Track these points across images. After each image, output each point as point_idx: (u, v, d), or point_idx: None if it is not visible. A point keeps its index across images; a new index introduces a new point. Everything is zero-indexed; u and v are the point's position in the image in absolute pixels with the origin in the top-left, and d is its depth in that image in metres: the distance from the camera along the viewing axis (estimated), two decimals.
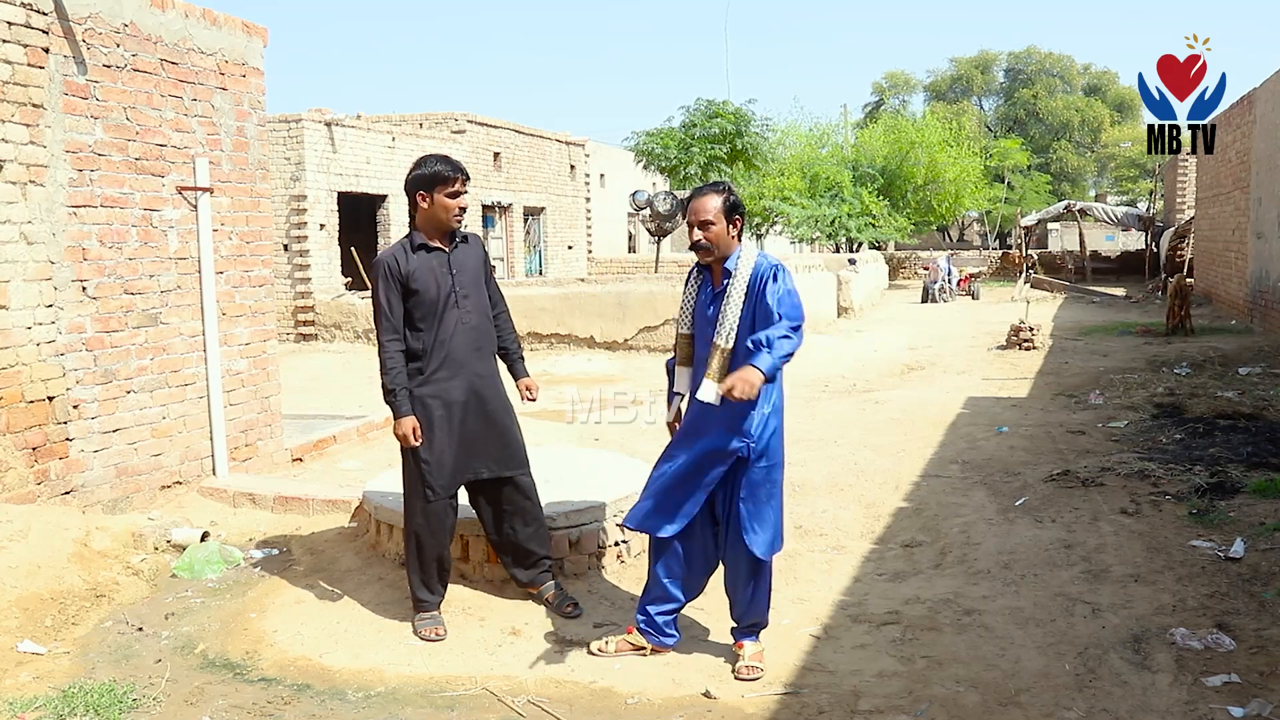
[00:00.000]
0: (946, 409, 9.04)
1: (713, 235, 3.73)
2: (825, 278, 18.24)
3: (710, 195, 3.77)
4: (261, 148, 6.71)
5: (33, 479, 5.04)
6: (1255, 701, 3.38)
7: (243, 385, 6.59)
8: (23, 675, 3.75)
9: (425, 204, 4.17)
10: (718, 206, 3.74)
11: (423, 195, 4.16)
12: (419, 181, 4.16)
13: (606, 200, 33.15)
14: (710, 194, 3.77)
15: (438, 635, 4.10)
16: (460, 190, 4.18)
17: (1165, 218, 29.97)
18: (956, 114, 46.24)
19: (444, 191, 4.14)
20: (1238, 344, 12.93)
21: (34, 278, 5.09)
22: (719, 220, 3.73)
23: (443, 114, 20.96)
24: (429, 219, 4.19)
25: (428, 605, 4.22)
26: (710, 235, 3.73)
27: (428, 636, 4.10)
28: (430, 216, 4.18)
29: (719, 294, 3.77)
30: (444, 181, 4.13)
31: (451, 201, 4.15)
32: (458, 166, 4.20)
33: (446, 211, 4.16)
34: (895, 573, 4.92)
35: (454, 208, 4.16)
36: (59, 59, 5.20)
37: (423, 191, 4.16)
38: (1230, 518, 5.32)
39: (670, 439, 3.95)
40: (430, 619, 4.17)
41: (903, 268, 34.03)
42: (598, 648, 3.96)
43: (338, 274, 17.10)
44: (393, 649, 4.04)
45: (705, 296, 3.84)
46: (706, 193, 3.79)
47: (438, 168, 4.15)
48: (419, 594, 4.23)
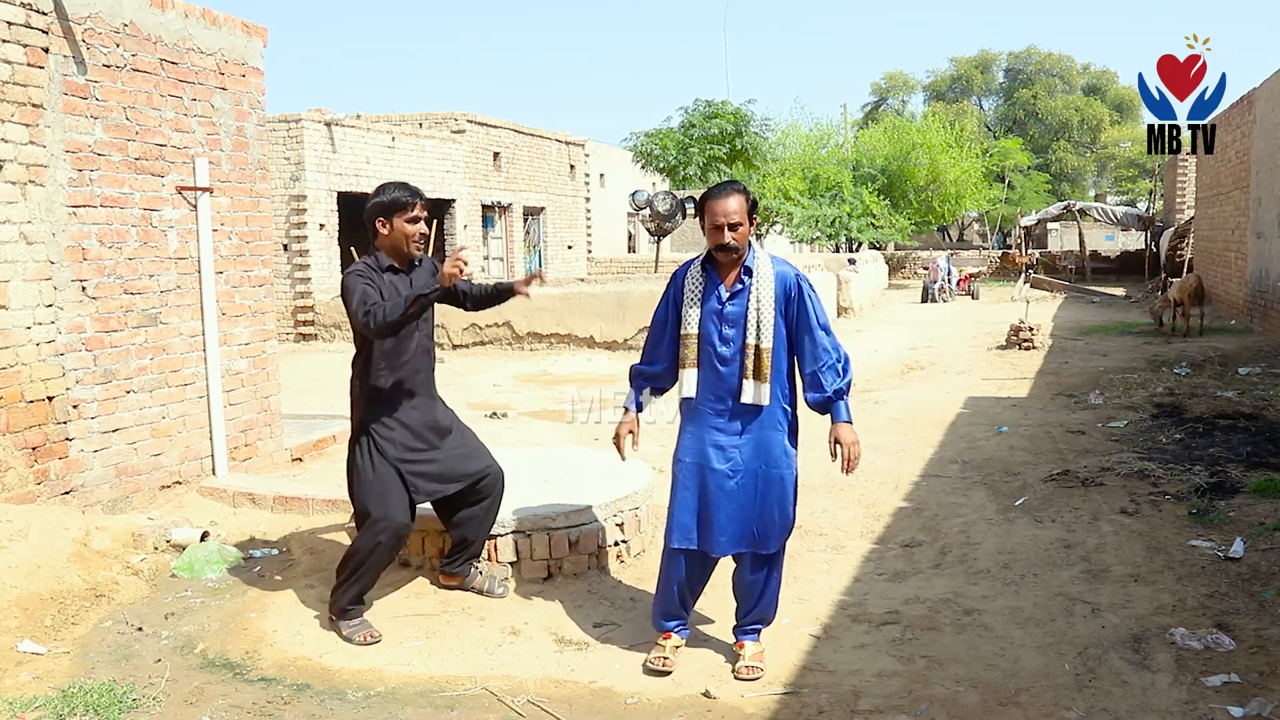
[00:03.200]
0: (946, 409, 9.04)
1: (740, 236, 3.67)
2: (825, 278, 18.23)
3: (734, 195, 3.68)
4: (261, 148, 6.71)
5: (33, 479, 5.04)
6: (1255, 701, 3.38)
7: (242, 385, 6.59)
8: (23, 675, 3.75)
9: (385, 230, 4.16)
10: (742, 206, 3.67)
11: (382, 222, 4.16)
12: (378, 209, 4.15)
13: (606, 200, 33.14)
14: (734, 194, 3.68)
15: (375, 638, 4.10)
16: (419, 216, 4.18)
17: (1165, 218, 29.96)
18: (956, 114, 46.25)
19: (403, 217, 4.14)
20: (1237, 344, 12.93)
21: (34, 277, 5.09)
22: (744, 220, 3.68)
23: (443, 114, 20.95)
24: (390, 246, 4.18)
25: (358, 612, 4.20)
26: (739, 236, 3.67)
27: (371, 639, 4.08)
28: (390, 243, 4.18)
29: (738, 293, 3.71)
30: (403, 207, 4.14)
31: (411, 227, 4.16)
32: (415, 192, 4.20)
33: (406, 238, 4.17)
34: (895, 573, 4.92)
35: (414, 233, 4.17)
36: (59, 59, 5.19)
37: (382, 218, 4.16)
38: (1230, 518, 5.32)
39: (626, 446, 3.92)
40: (363, 623, 4.16)
41: (902, 268, 34.03)
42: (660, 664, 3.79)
43: (338, 274, 17.07)
44: (392, 649, 4.03)
45: (716, 296, 3.73)
46: (729, 192, 3.69)
47: (396, 194, 4.15)
48: (354, 603, 4.18)
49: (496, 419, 9.17)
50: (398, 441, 4.16)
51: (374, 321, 3.91)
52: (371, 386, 4.18)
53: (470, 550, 4.50)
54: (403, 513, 4.15)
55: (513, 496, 4.81)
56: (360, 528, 4.21)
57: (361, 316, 3.94)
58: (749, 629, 3.91)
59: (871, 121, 47.00)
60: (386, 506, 4.11)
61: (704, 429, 3.76)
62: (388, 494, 4.12)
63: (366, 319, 3.92)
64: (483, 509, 4.44)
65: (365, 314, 3.93)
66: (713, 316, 3.73)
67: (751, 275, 3.70)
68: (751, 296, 3.67)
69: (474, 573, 4.56)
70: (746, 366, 3.65)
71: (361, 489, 4.17)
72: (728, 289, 3.73)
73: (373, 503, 4.13)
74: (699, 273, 3.79)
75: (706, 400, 3.75)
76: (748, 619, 3.90)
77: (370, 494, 4.14)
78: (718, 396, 3.73)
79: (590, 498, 4.81)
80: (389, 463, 4.14)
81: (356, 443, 4.23)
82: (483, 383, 11.60)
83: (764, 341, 3.65)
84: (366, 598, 4.28)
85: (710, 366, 3.73)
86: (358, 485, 4.21)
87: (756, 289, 3.68)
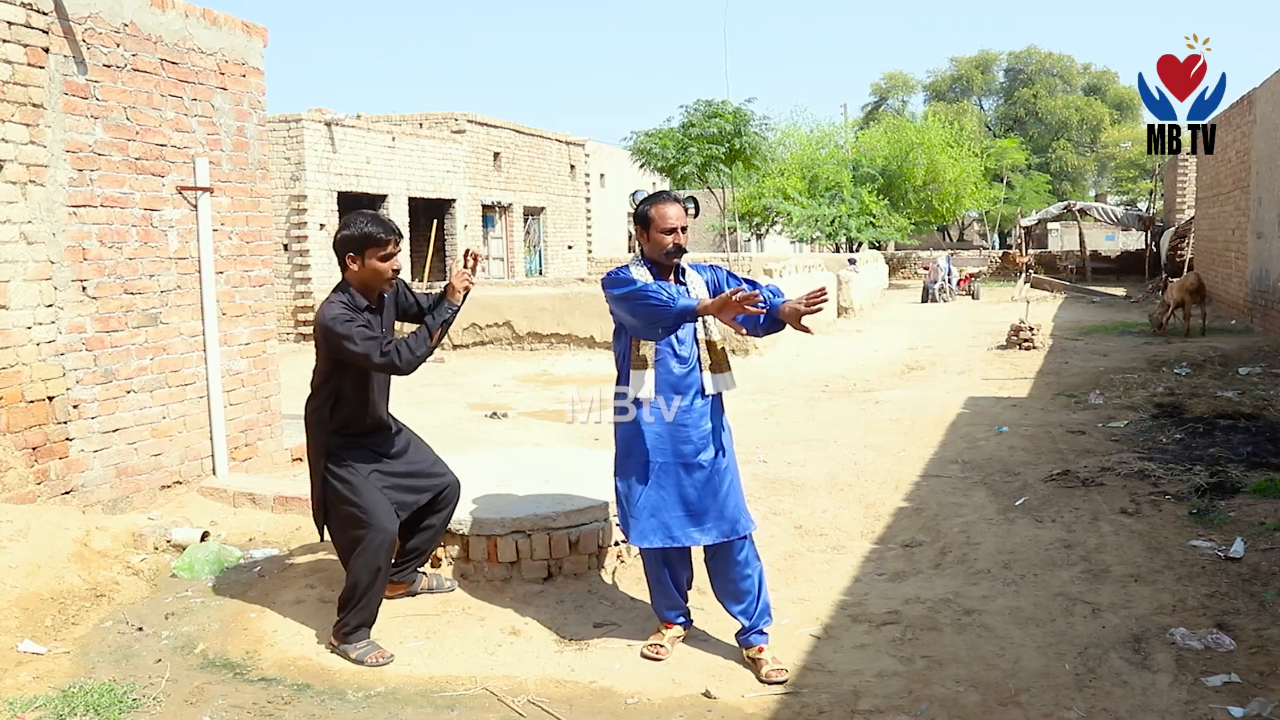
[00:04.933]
0: (947, 409, 9.04)
1: (686, 240, 3.92)
2: (825, 278, 18.24)
3: (676, 204, 3.93)
4: (261, 148, 6.71)
5: (33, 479, 5.04)
6: (1255, 701, 3.38)
7: (243, 385, 6.59)
8: (23, 675, 3.75)
9: (355, 266, 3.84)
10: (682, 213, 3.92)
11: (352, 257, 3.84)
12: (348, 243, 3.82)
13: (606, 200, 33.17)
14: (674, 203, 3.93)
15: (386, 659, 3.90)
16: (394, 252, 3.88)
17: (1165, 218, 29.97)
18: (956, 114, 46.25)
19: (376, 255, 3.83)
20: (1238, 344, 12.92)
21: (34, 277, 5.09)
22: (688, 226, 3.95)
23: (443, 114, 20.97)
24: (359, 282, 3.89)
25: (364, 634, 3.97)
26: (686, 240, 3.92)
27: (383, 660, 3.89)
28: (360, 280, 3.87)
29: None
30: (376, 243, 3.83)
31: (384, 265, 3.84)
32: (390, 227, 3.88)
33: (378, 276, 3.87)
34: (895, 573, 4.92)
35: (387, 271, 3.86)
36: (59, 59, 5.20)
37: (352, 253, 3.84)
38: (1230, 518, 5.32)
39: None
40: (372, 644, 3.96)
41: (903, 268, 34.04)
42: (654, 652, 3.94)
43: (338, 274, 17.04)
44: (392, 649, 4.03)
45: None
46: (671, 200, 3.93)
47: (369, 229, 3.81)
48: (365, 624, 3.96)
49: (497, 419, 9.17)
50: (368, 459, 4.01)
51: (399, 360, 3.75)
52: (342, 415, 3.96)
53: (421, 559, 4.40)
54: (392, 522, 3.96)
55: (513, 496, 4.82)
56: (351, 556, 3.95)
57: (380, 358, 3.76)
58: (759, 629, 3.91)
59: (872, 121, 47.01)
60: (377, 519, 3.91)
61: (668, 426, 3.87)
62: (375, 507, 3.92)
63: (388, 359, 3.75)
64: (441, 519, 4.31)
65: (384, 354, 3.75)
66: None
67: (685, 275, 3.95)
68: (691, 294, 3.86)
69: (418, 577, 4.46)
70: (703, 360, 3.87)
71: (344, 511, 3.95)
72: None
73: (361, 520, 3.90)
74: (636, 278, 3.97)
75: (667, 398, 3.88)
76: (757, 615, 3.91)
77: (357, 511, 3.91)
78: (678, 393, 3.87)
79: (591, 498, 4.80)
80: (365, 477, 3.96)
81: (326, 470, 3.99)
82: (483, 383, 11.61)
83: (713, 335, 3.91)
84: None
85: (665, 364, 3.87)
86: (339, 509, 3.97)
87: (693, 287, 3.90)
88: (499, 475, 5.17)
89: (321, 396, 4.01)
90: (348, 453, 3.99)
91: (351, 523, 3.95)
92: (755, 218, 32.23)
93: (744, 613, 3.91)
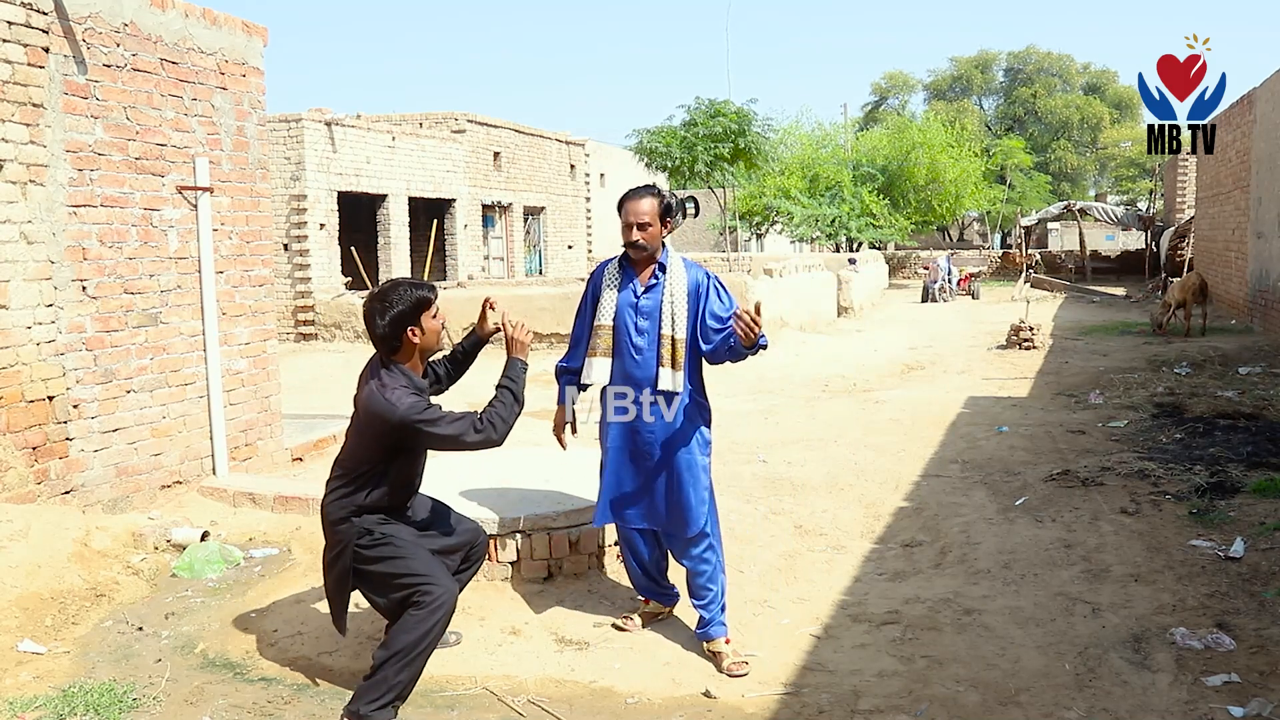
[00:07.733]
0: (947, 409, 9.04)
1: (649, 235, 3.89)
2: (825, 277, 18.24)
3: (646, 198, 3.90)
4: (261, 147, 6.71)
5: (33, 479, 5.04)
6: (1255, 701, 3.39)
7: (243, 385, 6.59)
8: (23, 675, 3.75)
9: (417, 338, 3.54)
10: (653, 209, 3.89)
11: (413, 330, 3.52)
12: (404, 318, 3.49)
13: (606, 200, 33.06)
14: (646, 196, 3.91)
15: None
16: (437, 306, 3.64)
17: (1165, 217, 29.96)
18: (957, 113, 46.24)
19: (429, 314, 3.57)
20: (1238, 343, 12.92)
21: (34, 277, 5.09)
22: (655, 222, 3.90)
23: (443, 114, 20.96)
24: (421, 351, 3.60)
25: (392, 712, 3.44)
26: (647, 236, 3.89)
27: None
28: (423, 347, 3.59)
29: (652, 287, 3.93)
30: (428, 305, 3.57)
31: (435, 322, 3.59)
32: (427, 283, 3.65)
33: (436, 336, 3.62)
34: (895, 572, 4.92)
35: (438, 327, 3.61)
36: (59, 59, 5.19)
37: (412, 326, 3.51)
38: (1230, 517, 5.32)
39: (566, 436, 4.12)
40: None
41: (903, 268, 34.03)
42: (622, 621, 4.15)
43: (338, 274, 17.09)
44: None
45: (632, 289, 3.95)
46: (642, 195, 3.92)
47: (419, 293, 3.54)
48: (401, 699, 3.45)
49: None
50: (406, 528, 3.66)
51: (496, 434, 3.49)
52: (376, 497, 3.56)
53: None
54: (451, 580, 3.58)
55: (513, 496, 4.81)
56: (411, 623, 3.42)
57: (475, 435, 3.47)
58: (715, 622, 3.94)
59: (872, 121, 47.02)
60: (438, 574, 3.51)
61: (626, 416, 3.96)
62: (432, 563, 3.55)
63: (483, 434, 3.48)
64: (470, 575, 3.95)
65: (479, 431, 3.47)
66: (629, 309, 3.95)
67: (665, 271, 3.93)
68: (665, 291, 3.90)
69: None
70: (663, 356, 3.86)
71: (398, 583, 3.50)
72: (642, 284, 3.96)
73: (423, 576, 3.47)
74: (616, 269, 4.02)
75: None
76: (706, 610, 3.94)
77: (417, 568, 3.49)
78: (632, 385, 3.92)
79: (591, 498, 4.80)
80: (413, 541, 3.60)
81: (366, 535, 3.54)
82: (483, 383, 11.60)
83: (678, 333, 3.87)
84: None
85: (625, 356, 3.92)
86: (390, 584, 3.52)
87: (670, 285, 3.90)
88: (499, 475, 5.17)
89: (358, 485, 3.56)
90: (382, 527, 3.58)
91: (411, 575, 3.51)
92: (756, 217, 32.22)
93: (703, 608, 3.96)
